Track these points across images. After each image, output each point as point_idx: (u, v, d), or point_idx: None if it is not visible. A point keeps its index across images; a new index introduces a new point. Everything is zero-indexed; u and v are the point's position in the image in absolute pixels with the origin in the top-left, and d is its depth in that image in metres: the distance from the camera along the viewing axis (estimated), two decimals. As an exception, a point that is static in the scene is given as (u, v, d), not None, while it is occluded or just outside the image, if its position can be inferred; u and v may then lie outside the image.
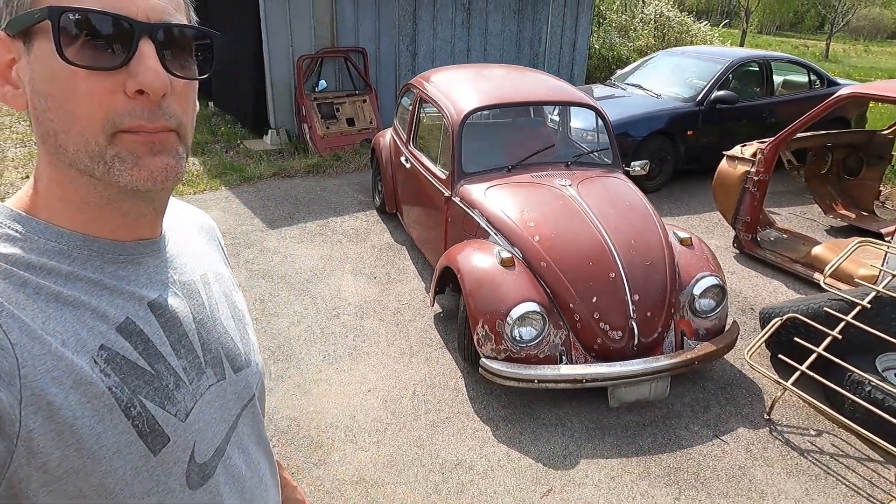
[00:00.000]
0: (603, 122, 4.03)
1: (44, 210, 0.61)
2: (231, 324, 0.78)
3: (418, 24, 7.67)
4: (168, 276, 0.70)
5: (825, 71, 7.11)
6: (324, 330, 3.63)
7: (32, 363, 0.53)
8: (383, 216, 5.28)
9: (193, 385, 0.67)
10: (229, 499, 0.73)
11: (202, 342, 0.71)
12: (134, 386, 0.60)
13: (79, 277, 0.60)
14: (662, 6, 11.38)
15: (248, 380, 0.78)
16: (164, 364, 0.64)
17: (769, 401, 3.12)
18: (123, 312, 0.62)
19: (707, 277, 3.15)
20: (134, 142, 0.58)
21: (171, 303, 0.68)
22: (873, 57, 25.95)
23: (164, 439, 0.62)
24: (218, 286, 0.79)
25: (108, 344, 0.59)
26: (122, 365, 0.59)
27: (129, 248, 0.65)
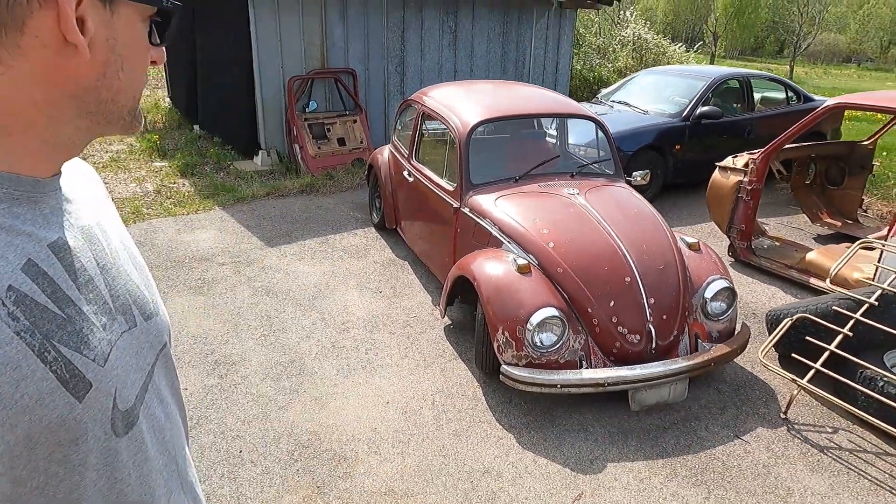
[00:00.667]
0: (604, 133, 4.12)
1: None
2: (133, 272, 0.76)
3: (406, 45, 7.78)
4: (65, 219, 0.66)
5: (801, 88, 7.39)
6: (335, 344, 3.59)
7: None
8: (382, 232, 5.28)
9: (107, 331, 0.65)
10: (152, 446, 0.73)
11: (109, 288, 0.68)
12: (46, 331, 0.57)
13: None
14: (640, 29, 11.77)
15: (158, 328, 0.77)
16: (74, 308, 0.61)
17: (782, 400, 3.17)
18: (24, 254, 0.58)
19: (718, 280, 3.21)
20: None
21: (73, 245, 0.65)
22: (833, 79, 27.11)
23: (87, 385, 0.60)
24: (115, 234, 0.76)
25: (16, 285, 0.55)
26: (32, 308, 0.56)
27: (25, 183, 0.61)
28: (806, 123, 4.36)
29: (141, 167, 7.01)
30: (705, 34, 44.83)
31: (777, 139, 4.51)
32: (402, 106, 4.97)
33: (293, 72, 6.94)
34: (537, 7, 8.68)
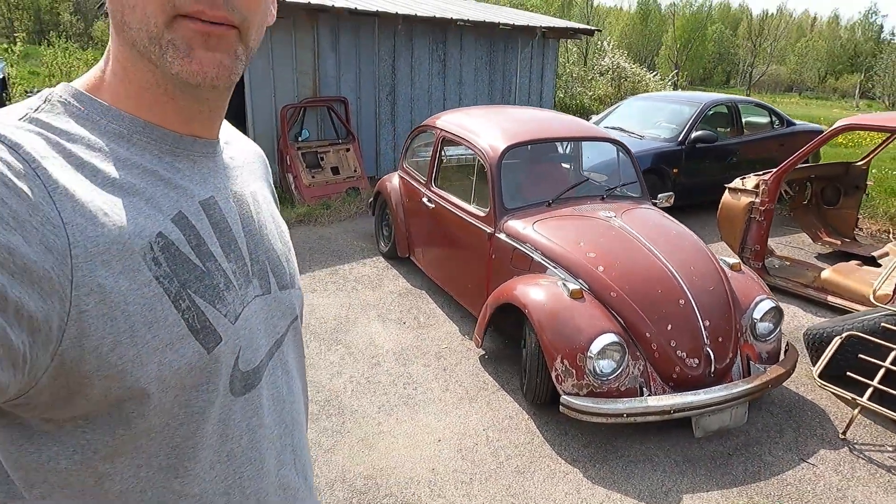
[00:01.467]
0: (628, 156, 4.11)
1: (107, 91, 0.61)
2: (278, 244, 0.77)
3: (397, 74, 7.75)
4: (220, 181, 0.69)
5: (784, 112, 7.66)
6: (369, 380, 3.39)
7: (84, 243, 0.52)
8: (392, 261, 5.12)
9: (242, 291, 0.67)
10: (269, 415, 0.73)
11: (250, 252, 0.70)
12: (184, 279, 0.59)
13: (135, 164, 0.60)
14: (619, 58, 12.12)
15: (291, 300, 0.77)
16: (214, 263, 0.63)
17: (836, 420, 3.13)
18: (176, 206, 0.61)
19: (765, 301, 3.18)
20: (190, 30, 0.57)
21: (223, 206, 0.67)
22: (782, 106, 28.41)
23: (216, 338, 0.62)
24: (266, 206, 0.78)
25: (166, 232, 0.59)
26: (175, 256, 0.59)
27: (186, 142, 0.65)
28: (816, 145, 4.47)
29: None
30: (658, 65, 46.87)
31: (788, 160, 4.60)
32: (415, 132, 4.88)
33: (285, 100, 6.80)
34: (521, 37, 8.82)
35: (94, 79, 0.62)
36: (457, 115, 4.49)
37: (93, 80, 0.62)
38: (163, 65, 0.58)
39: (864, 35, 56.05)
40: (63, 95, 0.59)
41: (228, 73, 0.61)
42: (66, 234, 0.50)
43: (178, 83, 0.60)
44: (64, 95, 0.59)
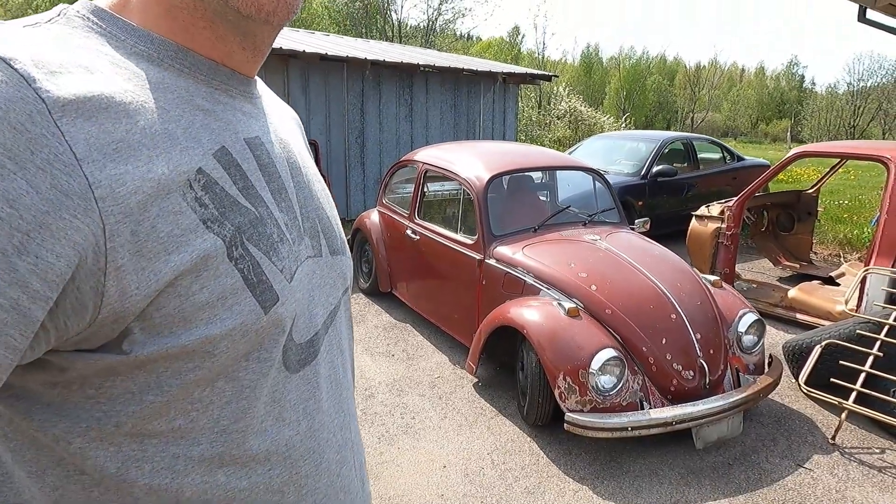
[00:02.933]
0: (605, 184, 4.28)
1: (135, 11, 0.51)
2: (327, 206, 0.68)
3: (365, 117, 7.89)
4: (265, 123, 0.60)
5: (733, 148, 8.14)
6: (365, 412, 3.32)
7: (108, 184, 0.42)
8: (373, 297, 5.09)
9: (296, 246, 0.57)
10: (327, 399, 0.62)
11: (301, 206, 0.60)
12: (237, 223, 0.50)
13: (167, 88, 0.49)
14: (574, 102, 12.72)
15: (343, 267, 0.68)
16: (265, 209, 0.54)
17: (823, 427, 3.24)
18: (218, 140, 0.51)
19: (749, 314, 3.31)
20: None
21: (269, 149, 0.57)
22: (722, 149, 30.22)
23: (274, 297, 0.52)
24: (312, 166, 0.69)
25: (207, 169, 0.49)
26: (222, 197, 0.50)
27: (224, 73, 0.55)
28: (775, 171, 4.76)
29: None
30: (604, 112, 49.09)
31: (749, 187, 4.87)
32: (394, 168, 4.96)
33: (256, 143, 6.80)
34: (484, 82, 9.16)
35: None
36: (436, 150, 4.59)
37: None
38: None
39: (789, 84, 60.43)
40: (81, 10, 0.50)
41: (287, 9, 0.53)
42: (82, 174, 0.41)
43: (224, 9, 0.51)
44: (83, 10, 0.50)
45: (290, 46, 6.61)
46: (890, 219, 3.97)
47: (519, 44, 40.39)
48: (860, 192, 10.97)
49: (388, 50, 9.07)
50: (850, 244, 6.92)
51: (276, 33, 0.58)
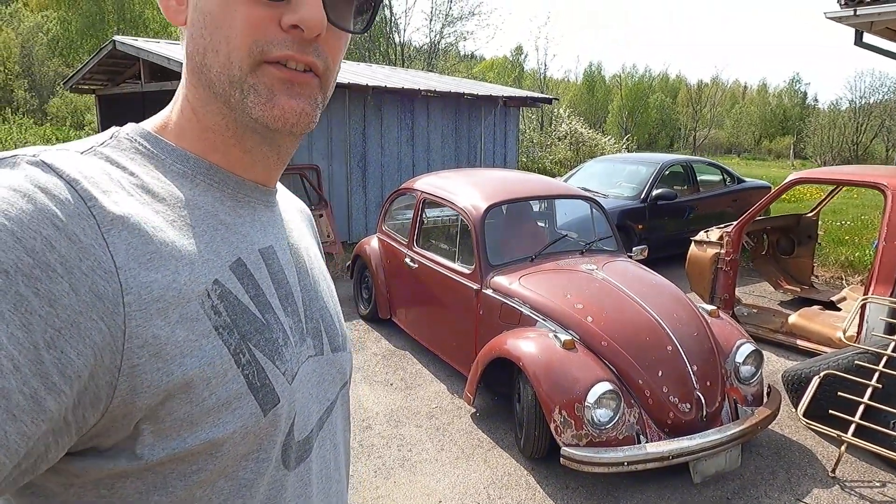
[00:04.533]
0: (602, 213, 4.30)
1: (173, 132, 0.60)
2: (330, 303, 0.73)
3: (367, 142, 7.97)
4: (279, 231, 0.67)
5: (733, 170, 8.16)
6: (361, 443, 3.32)
7: (138, 291, 0.48)
8: (373, 324, 5.10)
9: (298, 348, 0.62)
10: (316, 494, 0.66)
11: (305, 308, 0.66)
12: (244, 331, 0.55)
13: (197, 205, 0.57)
14: (575, 124, 12.81)
15: (342, 363, 0.72)
16: (273, 315, 0.59)
17: (823, 459, 3.22)
18: (235, 252, 0.58)
19: (746, 344, 3.31)
20: (274, 77, 0.56)
21: (281, 257, 0.65)
22: (725, 167, 30.26)
23: (275, 399, 0.57)
24: (318, 264, 0.75)
25: (222, 280, 0.55)
26: (235, 306, 0.55)
27: (248, 187, 0.63)
28: (772, 197, 4.78)
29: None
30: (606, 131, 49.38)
31: (748, 213, 4.89)
32: (393, 195, 5.00)
33: (258, 169, 6.87)
34: (485, 106, 9.25)
35: (161, 120, 0.62)
36: (434, 178, 4.64)
37: (160, 121, 0.62)
38: (242, 108, 0.57)
39: (791, 101, 60.67)
40: (130, 133, 0.59)
41: (308, 121, 0.59)
42: (118, 280, 0.47)
43: (253, 126, 0.59)
44: (131, 133, 0.59)
45: (292, 74, 6.71)
46: (888, 246, 3.97)
47: (522, 63, 40.77)
48: (863, 211, 10.95)
49: (390, 75, 9.19)
50: (851, 266, 6.90)
51: (298, 142, 0.66)
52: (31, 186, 0.45)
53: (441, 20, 19.14)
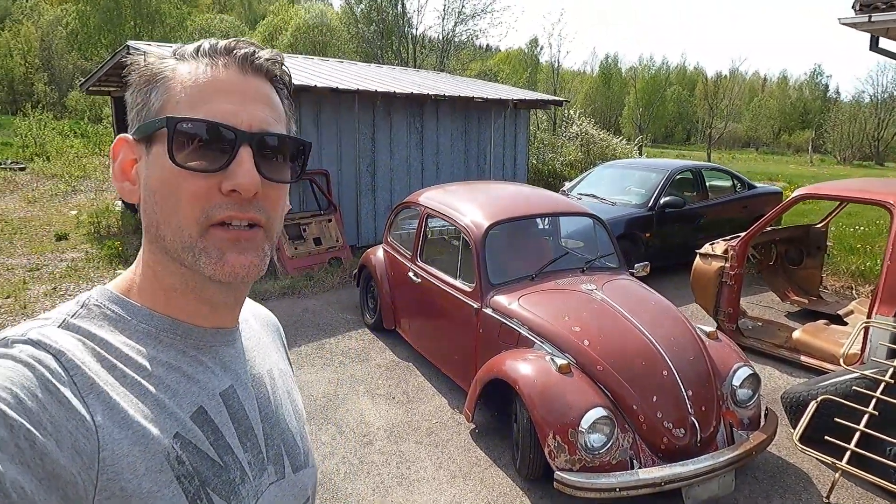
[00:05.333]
0: (604, 229, 4.31)
1: (138, 292, 0.67)
2: (293, 422, 0.79)
3: (376, 146, 8.02)
4: (240, 367, 0.73)
5: (745, 176, 8.10)
6: (362, 460, 3.39)
7: (112, 447, 0.54)
8: (378, 333, 5.17)
9: (256, 481, 0.68)
10: None
11: (266, 437, 0.72)
12: (204, 477, 0.61)
13: (160, 362, 0.64)
14: (586, 125, 12.74)
15: (304, 481, 0.78)
16: (231, 456, 0.66)
17: (819, 484, 3.23)
18: (197, 401, 0.64)
19: (743, 367, 3.32)
20: (222, 238, 0.63)
21: (241, 394, 0.71)
22: (742, 163, 29.82)
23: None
24: (282, 383, 0.81)
25: (183, 432, 0.61)
26: (194, 454, 0.61)
27: (209, 334, 0.69)
28: (779, 211, 4.76)
29: (103, 276, 6.65)
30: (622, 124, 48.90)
31: (753, 227, 4.87)
32: (398, 208, 5.05)
33: (268, 174, 6.95)
34: (494, 108, 9.24)
35: (126, 281, 0.69)
36: (439, 192, 4.68)
37: (125, 282, 0.69)
38: (195, 268, 0.64)
39: (812, 94, 59.62)
40: (99, 299, 0.65)
41: (257, 271, 0.66)
42: (97, 438, 0.54)
43: (209, 281, 0.66)
44: (100, 300, 0.65)
45: (302, 81, 6.77)
46: (893, 266, 3.95)
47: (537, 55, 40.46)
48: (877, 215, 10.79)
49: (399, 78, 9.21)
50: (862, 276, 6.84)
51: (251, 285, 0.73)
52: (27, 358, 0.54)
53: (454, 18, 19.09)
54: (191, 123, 0.62)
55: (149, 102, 0.65)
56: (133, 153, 0.67)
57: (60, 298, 5.83)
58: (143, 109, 0.65)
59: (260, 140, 0.64)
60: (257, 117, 0.65)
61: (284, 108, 0.71)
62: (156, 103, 0.64)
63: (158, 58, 0.67)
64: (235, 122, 0.63)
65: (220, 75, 0.65)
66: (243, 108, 0.64)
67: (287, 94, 0.72)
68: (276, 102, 0.69)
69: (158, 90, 0.65)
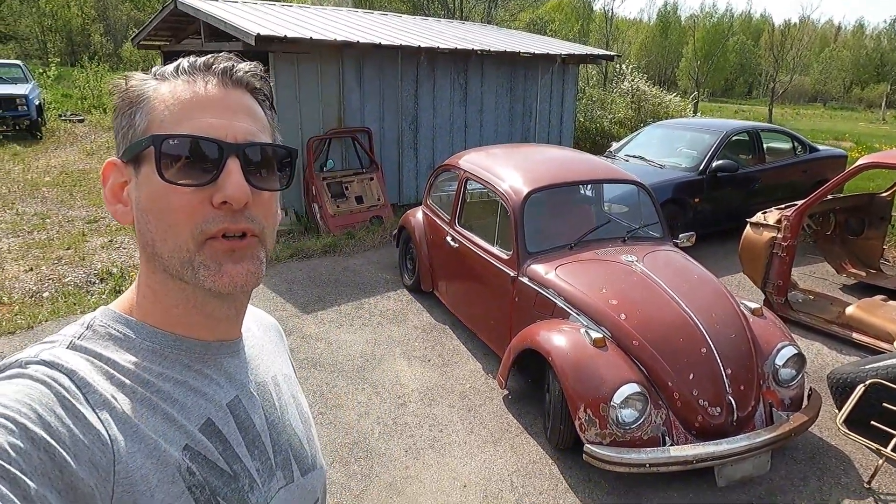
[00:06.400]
0: (649, 196, 4.17)
1: (139, 311, 0.69)
2: (299, 426, 0.81)
3: (419, 103, 7.90)
4: (245, 376, 0.75)
5: (806, 138, 7.64)
6: (396, 421, 3.49)
7: (126, 460, 0.56)
8: (416, 295, 5.22)
9: (266, 487, 0.70)
10: None
11: (273, 443, 0.74)
12: (214, 487, 0.63)
13: (167, 377, 0.65)
14: (638, 81, 12.18)
15: (313, 483, 0.80)
16: (240, 465, 0.67)
17: (861, 468, 3.14)
18: (205, 413, 0.66)
19: (788, 347, 3.21)
20: (218, 250, 0.64)
21: (247, 404, 0.73)
22: (807, 120, 28.17)
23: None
24: (287, 387, 0.83)
25: (193, 444, 0.63)
26: (204, 465, 0.63)
27: (213, 347, 0.71)
28: (840, 180, 4.48)
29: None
30: (678, 77, 46.60)
31: (811, 196, 4.62)
32: (438, 170, 5.00)
33: (312, 132, 6.98)
34: (542, 63, 8.93)
35: (127, 301, 0.70)
36: (479, 156, 4.60)
37: (126, 302, 0.70)
38: (196, 282, 0.65)
39: (890, 44, 55.19)
40: (103, 320, 0.67)
41: (255, 278, 0.67)
42: (112, 452, 0.55)
43: (210, 294, 0.67)
44: (104, 320, 0.67)
45: (344, 37, 6.68)
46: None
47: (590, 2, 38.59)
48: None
49: (444, 31, 8.96)
50: (929, 248, 6.44)
51: (251, 292, 0.73)
52: (43, 377, 0.56)
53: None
54: (177, 140, 0.63)
55: (133, 124, 0.66)
56: (123, 175, 0.68)
57: (116, 251, 6.11)
58: (128, 131, 0.66)
59: (246, 150, 0.65)
60: (242, 129, 0.66)
61: (268, 119, 0.72)
62: (141, 124, 0.65)
63: (140, 80, 0.68)
64: (221, 135, 0.64)
65: (201, 91, 0.66)
66: (227, 121, 0.65)
67: (269, 105, 0.73)
68: (258, 114, 0.70)
69: (142, 111, 0.65)
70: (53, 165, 9.80)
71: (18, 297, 4.92)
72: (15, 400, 0.53)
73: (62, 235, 6.51)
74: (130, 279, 5.36)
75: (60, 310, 4.70)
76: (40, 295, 4.99)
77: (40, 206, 7.59)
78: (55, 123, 13.37)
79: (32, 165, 9.69)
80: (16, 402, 0.52)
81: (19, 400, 0.53)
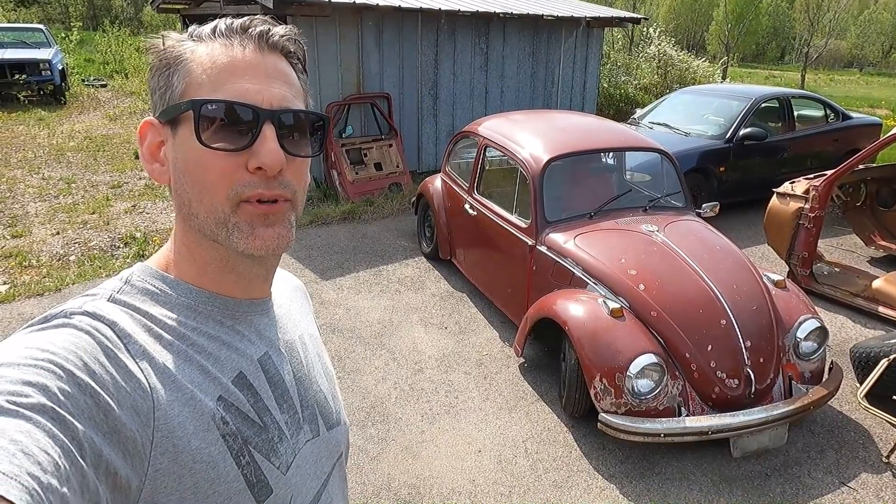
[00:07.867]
0: (672, 165, 4.08)
1: (175, 268, 0.71)
2: (324, 383, 0.84)
3: (439, 68, 7.77)
4: (274, 334, 0.77)
5: (839, 105, 7.37)
6: (412, 387, 3.53)
7: (165, 408, 0.59)
8: (434, 262, 5.23)
9: (294, 439, 0.73)
10: None
11: (300, 398, 0.76)
12: (246, 436, 0.66)
13: (202, 332, 0.68)
14: (665, 45, 11.80)
15: (338, 438, 0.83)
16: (270, 417, 0.70)
17: (880, 442, 3.11)
18: (237, 367, 0.69)
19: (810, 320, 3.16)
20: (252, 213, 0.66)
21: (276, 360, 0.75)
22: (841, 86, 27.16)
23: (268, 490, 0.67)
24: (312, 346, 0.86)
25: (226, 395, 0.66)
26: (237, 415, 0.66)
27: (244, 305, 0.74)
28: (871, 151, 4.33)
29: (178, 195, 6.96)
30: (708, 41, 45.05)
31: (841, 166, 4.47)
32: (457, 137, 4.94)
33: (330, 98, 6.93)
34: (566, 27, 8.70)
35: (164, 258, 0.73)
36: (499, 122, 4.52)
37: (163, 259, 0.73)
38: (229, 244, 0.67)
39: (935, 6, 52.49)
40: (141, 276, 0.69)
41: (286, 242, 0.69)
42: (152, 399, 0.58)
43: (242, 255, 0.69)
44: (142, 276, 0.70)
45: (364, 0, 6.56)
46: None
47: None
48: None
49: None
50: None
51: (280, 257, 0.77)
52: (87, 327, 0.59)
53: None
54: (215, 105, 0.64)
55: (171, 84, 0.67)
56: (159, 135, 0.69)
57: (139, 216, 6.20)
58: (166, 92, 0.67)
59: (281, 117, 0.66)
60: (277, 95, 0.67)
61: (301, 83, 0.73)
62: (178, 86, 0.66)
63: (176, 40, 0.69)
64: (257, 100, 0.65)
65: (238, 55, 0.67)
66: (264, 86, 0.66)
67: (302, 69, 0.74)
68: (293, 78, 0.71)
69: (180, 73, 0.67)
70: (78, 130, 9.91)
71: (46, 260, 5.04)
72: (62, 348, 0.55)
73: (87, 200, 6.62)
74: (153, 244, 5.44)
75: (87, 273, 4.80)
76: (67, 258, 5.10)
77: (66, 170, 7.70)
78: (78, 88, 13.46)
79: (57, 130, 9.80)
80: (63, 349, 0.55)
81: (66, 348, 0.55)
